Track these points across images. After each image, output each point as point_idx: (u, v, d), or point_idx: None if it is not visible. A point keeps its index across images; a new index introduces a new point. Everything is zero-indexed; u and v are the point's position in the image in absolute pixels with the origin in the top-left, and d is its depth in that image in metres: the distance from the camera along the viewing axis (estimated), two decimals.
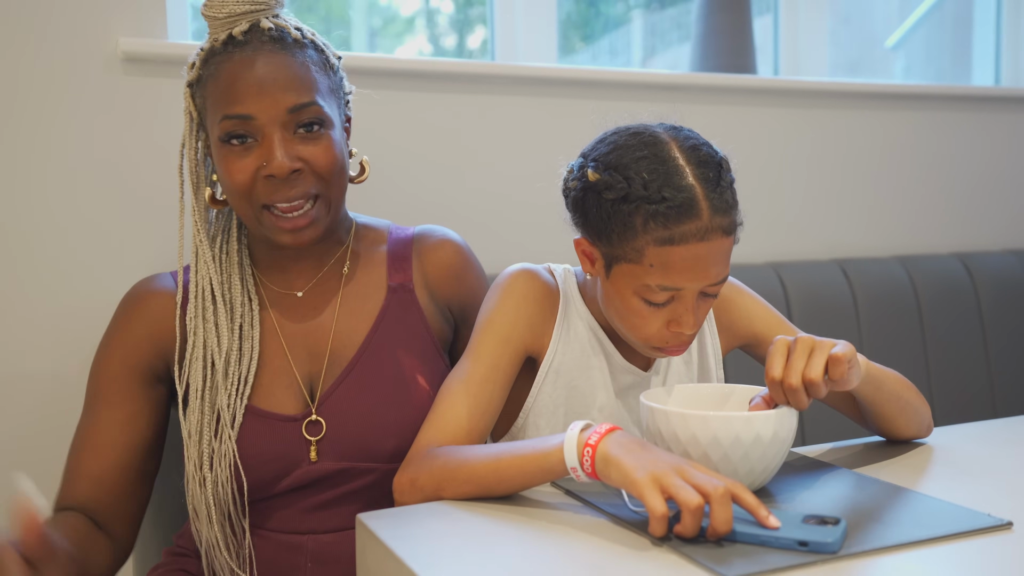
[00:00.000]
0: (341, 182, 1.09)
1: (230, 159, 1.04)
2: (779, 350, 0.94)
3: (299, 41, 1.07)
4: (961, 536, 0.83)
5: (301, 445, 1.08)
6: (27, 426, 1.40)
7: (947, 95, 2.10)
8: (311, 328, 1.13)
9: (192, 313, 1.09)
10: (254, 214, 1.06)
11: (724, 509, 0.80)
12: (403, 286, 1.17)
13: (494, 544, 0.84)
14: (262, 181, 1.04)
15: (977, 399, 1.92)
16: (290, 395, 1.10)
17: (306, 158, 1.04)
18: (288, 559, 1.10)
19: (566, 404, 1.11)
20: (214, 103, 1.05)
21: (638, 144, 0.99)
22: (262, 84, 1.02)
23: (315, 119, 1.05)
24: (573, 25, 2.09)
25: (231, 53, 1.04)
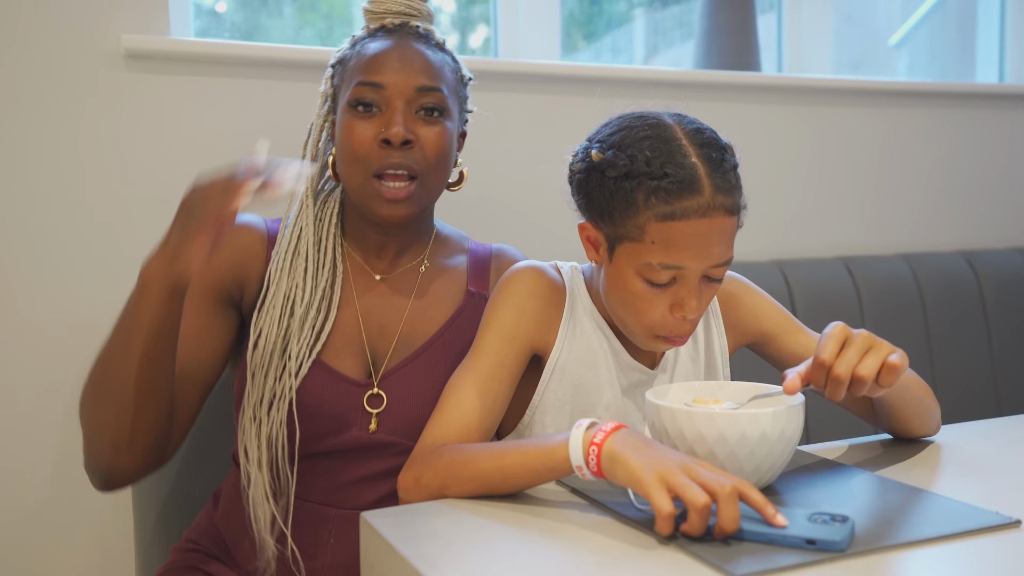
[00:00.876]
0: (442, 172, 1.16)
1: (354, 123, 1.12)
2: (836, 335, 0.91)
3: (440, 46, 1.19)
4: (969, 534, 0.82)
5: (357, 410, 1.13)
6: (30, 419, 1.39)
7: (951, 92, 2.10)
8: (386, 308, 1.19)
9: (279, 264, 1.15)
10: (363, 179, 1.12)
11: (731, 508, 0.79)
12: (480, 294, 1.23)
13: (499, 542, 0.83)
14: (377, 148, 1.11)
15: (981, 397, 1.91)
16: (357, 362, 1.15)
17: (420, 135, 1.12)
18: (312, 532, 1.12)
19: (572, 402, 1.10)
20: (352, 74, 1.14)
21: (642, 125, 1.00)
22: (399, 61, 1.12)
23: (437, 105, 1.13)
24: (576, 23, 2.09)
25: (378, 36, 1.16)
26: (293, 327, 1.12)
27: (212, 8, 1.73)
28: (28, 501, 1.40)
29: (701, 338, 1.16)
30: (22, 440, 1.39)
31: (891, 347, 0.92)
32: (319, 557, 1.12)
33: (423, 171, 1.13)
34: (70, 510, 1.41)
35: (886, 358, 0.90)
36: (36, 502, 1.40)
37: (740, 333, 1.18)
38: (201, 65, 1.45)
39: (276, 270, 1.14)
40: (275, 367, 1.11)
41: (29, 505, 1.40)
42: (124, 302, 1.41)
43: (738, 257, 1.11)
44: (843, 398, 1.15)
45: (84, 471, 1.40)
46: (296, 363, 1.11)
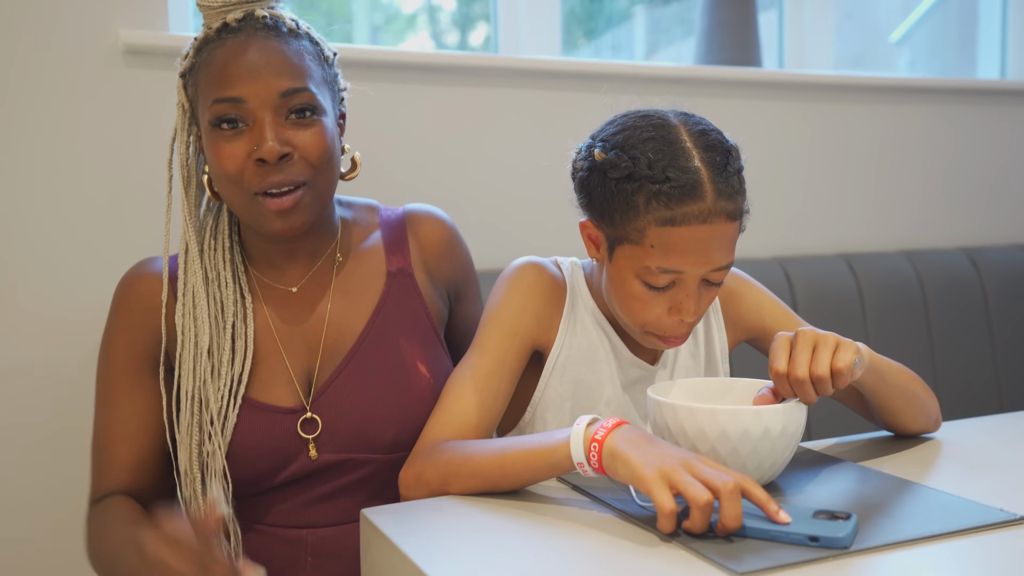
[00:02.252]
0: (331, 172, 1.07)
1: (220, 144, 1.02)
2: (781, 344, 0.93)
3: (293, 31, 1.07)
4: (973, 531, 0.82)
5: (298, 440, 1.07)
6: (25, 418, 1.39)
7: (952, 88, 2.09)
8: (306, 321, 1.12)
9: (180, 312, 1.07)
10: (246, 201, 1.04)
11: (734, 505, 0.79)
12: (403, 271, 1.16)
13: (500, 539, 0.83)
14: (252, 167, 1.02)
15: (983, 393, 1.91)
16: (287, 390, 1.09)
17: (296, 144, 1.03)
18: (288, 554, 1.09)
19: (573, 398, 1.10)
20: (206, 88, 1.03)
21: (646, 126, 0.99)
22: (254, 68, 1.01)
23: (307, 105, 1.03)
24: (576, 20, 2.09)
25: (224, 39, 1.04)
26: (207, 376, 1.05)
27: None
28: (23, 506, 1.39)
29: (701, 334, 1.16)
30: (22, 439, 1.38)
31: (836, 337, 0.93)
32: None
33: (309, 177, 1.04)
34: (71, 510, 1.41)
35: (833, 354, 0.91)
36: (37, 501, 1.40)
37: (740, 329, 1.17)
38: None
39: (179, 319, 1.07)
40: (198, 421, 1.05)
41: (23, 510, 1.39)
42: None
43: (739, 253, 1.11)
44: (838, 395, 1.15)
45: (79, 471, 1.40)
46: (220, 414, 1.05)
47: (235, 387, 1.06)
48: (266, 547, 1.09)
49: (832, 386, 0.92)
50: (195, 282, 1.08)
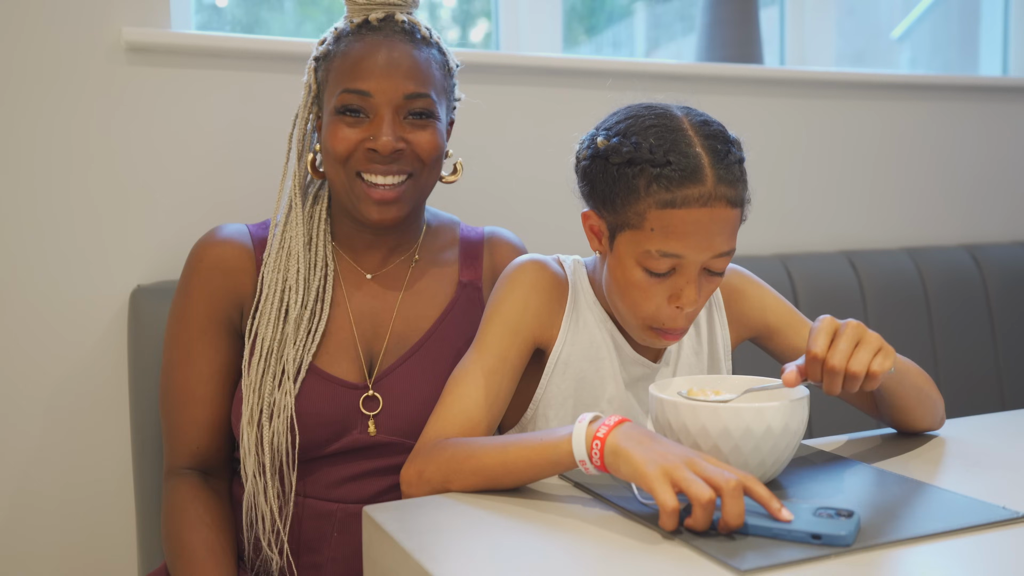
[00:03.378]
0: (436, 171, 1.16)
1: (340, 127, 1.11)
2: (826, 328, 0.92)
3: (427, 39, 1.15)
4: (975, 529, 0.82)
5: (355, 414, 1.12)
6: (31, 419, 1.39)
7: (954, 85, 2.09)
8: (378, 307, 1.18)
9: (271, 267, 1.14)
10: (347, 180, 1.12)
11: (736, 502, 0.79)
12: (472, 283, 1.23)
13: (502, 537, 0.83)
14: (363, 152, 1.10)
15: (985, 391, 1.91)
16: (353, 366, 1.14)
17: (411, 140, 1.11)
18: (316, 528, 1.12)
19: (575, 396, 1.10)
20: (337, 77, 1.12)
21: (649, 115, 1.00)
22: (386, 67, 1.10)
23: (425, 110, 1.12)
24: (577, 17, 2.08)
25: (363, 35, 1.12)
26: (288, 331, 1.11)
27: (213, 2, 1.72)
28: (27, 497, 1.39)
29: (704, 331, 1.16)
30: (25, 438, 1.38)
31: (879, 339, 0.93)
32: (322, 551, 1.12)
33: (416, 170, 1.13)
34: (71, 508, 1.41)
35: (873, 356, 0.91)
36: (39, 500, 1.40)
37: (743, 327, 1.17)
38: (202, 58, 1.44)
39: (268, 273, 1.13)
40: (272, 373, 1.10)
41: (29, 503, 1.39)
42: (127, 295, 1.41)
43: (740, 251, 1.11)
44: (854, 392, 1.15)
45: (87, 466, 1.41)
46: (294, 367, 1.10)
47: (310, 346, 1.12)
48: (296, 519, 1.12)
49: (861, 387, 0.91)
50: (295, 243, 1.15)
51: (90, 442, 1.41)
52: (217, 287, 1.14)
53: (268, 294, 1.12)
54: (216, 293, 1.14)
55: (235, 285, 1.15)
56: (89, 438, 1.41)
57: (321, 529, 1.12)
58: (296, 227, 1.15)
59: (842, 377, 0.90)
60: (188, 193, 1.44)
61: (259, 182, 1.47)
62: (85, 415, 1.41)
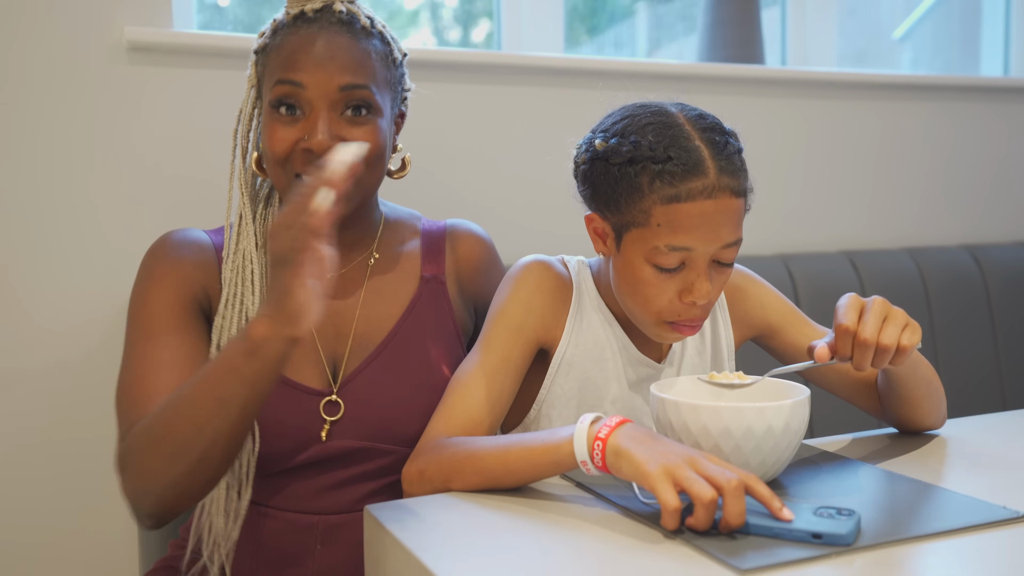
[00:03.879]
0: (378, 169, 1.11)
1: (275, 126, 1.06)
2: (853, 303, 0.94)
3: (367, 29, 1.10)
4: (976, 528, 0.82)
5: (318, 421, 1.09)
6: (32, 419, 1.39)
7: (955, 86, 2.09)
8: (338, 308, 1.14)
9: (230, 267, 1.10)
10: (287, 182, 1.08)
11: (737, 502, 0.79)
12: (436, 278, 1.19)
13: (504, 536, 0.83)
14: (300, 153, 1.06)
15: (986, 391, 1.91)
16: (315, 371, 1.11)
17: (348, 138, 1.06)
18: (298, 541, 1.10)
19: (579, 396, 1.10)
20: (272, 69, 1.08)
21: (645, 113, 1.01)
22: (320, 58, 1.05)
23: (363, 103, 1.07)
24: (579, 17, 2.08)
25: (299, 27, 1.08)
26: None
27: (214, 2, 1.72)
28: (28, 497, 1.39)
29: (708, 331, 1.16)
30: (26, 437, 1.39)
31: (906, 316, 0.94)
32: (307, 564, 1.09)
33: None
34: (71, 506, 1.41)
35: (902, 330, 0.93)
36: (40, 499, 1.40)
37: (747, 326, 1.17)
38: (204, 57, 1.44)
39: (228, 274, 1.09)
40: None
41: (29, 501, 1.40)
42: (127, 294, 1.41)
43: (742, 251, 1.11)
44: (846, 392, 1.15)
45: (83, 468, 1.40)
46: None
47: None
48: (277, 532, 1.10)
49: (889, 362, 0.93)
50: (248, 246, 1.11)
51: (87, 442, 1.41)
52: (182, 272, 1.09)
53: (228, 296, 1.08)
54: (182, 277, 1.09)
55: (199, 274, 1.10)
56: (86, 438, 1.41)
57: (304, 543, 1.09)
58: (247, 228, 1.11)
59: (872, 351, 0.91)
60: (190, 192, 1.45)
61: None
62: (82, 416, 1.41)
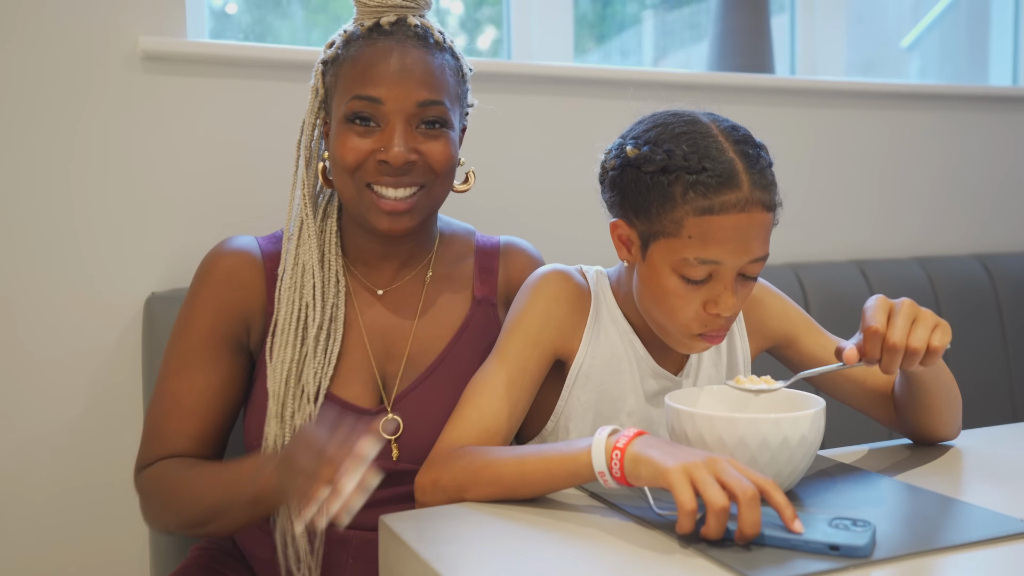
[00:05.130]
0: (448, 181, 1.12)
1: (349, 136, 1.07)
2: (880, 305, 0.93)
3: (440, 44, 1.11)
4: (993, 542, 0.82)
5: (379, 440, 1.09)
6: (42, 421, 1.39)
7: (964, 95, 2.09)
8: (391, 327, 1.14)
9: (287, 284, 1.10)
10: (356, 191, 1.08)
11: (752, 512, 0.78)
12: (487, 299, 1.19)
13: (519, 546, 0.83)
14: (373, 163, 1.06)
15: (997, 401, 1.90)
16: (367, 389, 1.11)
17: (423, 151, 1.07)
18: (331, 554, 1.10)
19: (596, 408, 1.09)
20: (347, 82, 1.07)
21: (678, 122, 1.00)
22: (399, 73, 1.05)
23: (439, 118, 1.08)
24: (586, 25, 2.09)
25: (374, 40, 1.08)
26: (307, 351, 1.08)
27: (222, 9, 1.73)
28: (43, 501, 1.40)
29: (724, 343, 1.15)
30: (37, 439, 1.39)
31: (934, 316, 0.93)
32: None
33: (429, 181, 1.09)
34: (85, 510, 1.41)
35: (932, 332, 0.92)
36: (51, 502, 1.40)
37: (763, 337, 1.17)
38: (218, 66, 1.45)
39: (284, 290, 1.10)
40: (292, 395, 1.07)
41: (44, 504, 1.40)
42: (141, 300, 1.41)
43: None
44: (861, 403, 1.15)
45: (99, 472, 1.41)
46: (314, 388, 1.07)
47: (327, 367, 1.09)
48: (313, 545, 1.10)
49: (919, 363, 0.92)
50: (309, 259, 1.11)
51: (103, 447, 1.41)
52: (224, 300, 1.11)
53: (285, 313, 1.09)
54: (223, 307, 1.11)
55: (243, 300, 1.11)
56: (102, 443, 1.41)
57: (337, 556, 1.09)
58: (310, 242, 1.11)
59: (902, 354, 0.91)
60: (204, 201, 1.45)
61: (275, 190, 1.48)
62: (98, 421, 1.41)
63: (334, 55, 1.11)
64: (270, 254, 1.14)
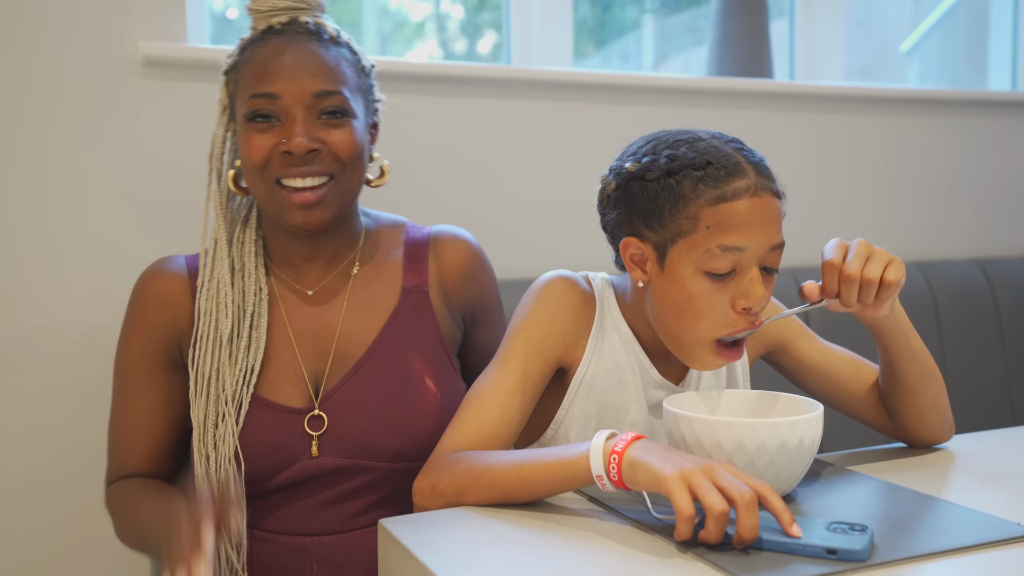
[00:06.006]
0: (358, 170, 1.11)
1: (252, 135, 1.08)
2: (837, 244, 0.97)
3: (334, 39, 1.12)
4: (989, 546, 0.82)
5: (303, 439, 1.09)
6: (42, 428, 1.40)
7: (963, 100, 2.09)
8: (319, 326, 1.14)
9: (205, 296, 1.12)
10: (268, 190, 1.09)
11: (750, 516, 0.79)
12: (418, 288, 1.18)
13: (518, 550, 0.84)
14: (279, 157, 1.07)
15: (995, 405, 1.91)
16: (296, 390, 1.11)
17: (325, 140, 1.08)
18: (295, 563, 1.10)
19: (597, 418, 1.09)
20: (245, 84, 1.09)
21: (670, 134, 1.03)
22: (292, 68, 1.07)
23: (338, 108, 1.08)
24: (586, 30, 2.09)
25: (267, 40, 1.10)
26: (224, 361, 1.09)
27: (223, 14, 1.74)
28: (41, 508, 1.40)
29: None
30: (36, 447, 1.39)
31: (887, 253, 0.97)
32: None
33: (336, 171, 1.09)
34: (85, 511, 1.42)
35: (886, 266, 0.96)
36: (50, 509, 1.40)
37: (759, 343, 1.17)
38: (218, 72, 1.45)
39: (203, 302, 1.11)
40: (214, 403, 1.08)
41: (44, 505, 1.40)
42: None
43: None
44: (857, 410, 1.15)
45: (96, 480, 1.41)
46: (235, 400, 1.08)
47: (249, 376, 1.10)
48: (273, 556, 1.10)
49: (875, 297, 0.96)
50: (221, 271, 1.12)
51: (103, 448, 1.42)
52: (153, 321, 1.13)
53: (203, 324, 1.10)
54: (153, 327, 1.13)
55: (171, 319, 1.13)
56: (102, 444, 1.41)
57: (300, 564, 1.09)
58: (222, 252, 1.13)
59: (857, 284, 0.95)
60: (203, 205, 1.45)
61: None
62: (99, 422, 1.41)
63: (233, 63, 1.13)
64: (194, 270, 1.15)
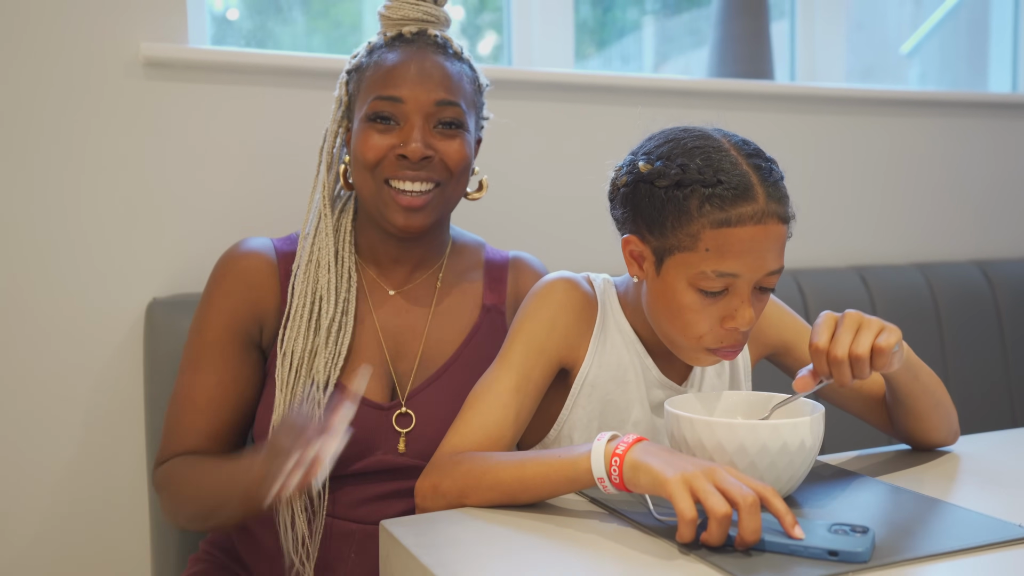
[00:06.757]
0: (462, 182, 1.17)
1: (370, 134, 1.12)
2: (826, 322, 0.94)
3: (458, 55, 1.18)
4: (991, 547, 0.82)
5: (390, 434, 1.12)
6: (46, 428, 1.40)
7: (963, 101, 2.09)
8: (405, 326, 1.18)
9: (301, 278, 1.14)
10: (375, 188, 1.13)
11: (753, 518, 0.79)
12: (495, 307, 1.22)
13: (520, 552, 0.84)
14: (392, 158, 1.11)
15: (996, 407, 1.91)
16: (379, 384, 1.14)
17: (439, 149, 1.12)
18: (335, 547, 1.11)
19: (600, 418, 1.09)
20: (369, 86, 1.13)
21: (689, 137, 1.00)
22: (418, 75, 1.12)
23: (455, 119, 1.13)
24: (587, 31, 2.09)
25: (396, 46, 1.15)
26: (319, 342, 1.11)
27: (224, 15, 1.74)
28: (44, 509, 1.40)
29: None
30: (39, 447, 1.39)
31: (880, 322, 0.94)
32: (339, 570, 1.11)
33: (444, 179, 1.13)
34: (86, 519, 1.42)
35: (876, 336, 0.92)
36: (52, 510, 1.40)
37: (762, 344, 1.17)
38: (219, 73, 1.46)
39: (298, 284, 1.13)
40: (303, 384, 1.10)
41: (45, 513, 1.40)
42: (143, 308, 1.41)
43: None
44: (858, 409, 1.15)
45: (100, 475, 1.41)
46: (324, 378, 1.10)
47: (338, 358, 1.12)
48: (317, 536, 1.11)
49: (870, 368, 0.92)
50: (324, 255, 1.15)
51: (105, 454, 1.42)
52: (238, 300, 1.14)
53: (298, 305, 1.12)
54: (237, 306, 1.14)
55: (257, 299, 1.15)
56: (104, 450, 1.42)
57: (340, 549, 1.11)
58: (326, 238, 1.16)
59: (847, 365, 0.91)
60: (205, 207, 1.45)
61: (277, 194, 1.48)
62: (101, 426, 1.41)
63: (357, 64, 1.17)
64: (284, 254, 1.18)
